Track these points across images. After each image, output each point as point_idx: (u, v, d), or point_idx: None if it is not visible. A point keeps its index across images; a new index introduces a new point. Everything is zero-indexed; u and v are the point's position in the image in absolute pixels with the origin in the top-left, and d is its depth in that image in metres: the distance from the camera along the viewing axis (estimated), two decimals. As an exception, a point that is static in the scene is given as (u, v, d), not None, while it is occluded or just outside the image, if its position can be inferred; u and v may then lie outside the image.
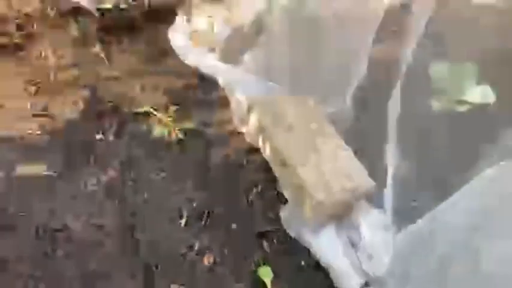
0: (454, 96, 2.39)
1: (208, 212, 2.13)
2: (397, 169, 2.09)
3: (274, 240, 2.07)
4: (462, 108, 2.36)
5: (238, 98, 2.52)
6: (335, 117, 2.32)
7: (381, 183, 2.05)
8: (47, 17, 2.91)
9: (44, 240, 2.00)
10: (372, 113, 2.30)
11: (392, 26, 2.39)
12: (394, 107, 2.13)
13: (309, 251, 2.03)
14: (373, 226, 1.95)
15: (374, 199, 2.01)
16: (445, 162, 2.18)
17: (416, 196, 2.10)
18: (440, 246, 1.64)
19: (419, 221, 1.76)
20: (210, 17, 2.94)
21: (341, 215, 2.03)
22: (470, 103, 2.39)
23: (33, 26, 2.86)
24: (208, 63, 2.75)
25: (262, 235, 2.08)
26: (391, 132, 2.11)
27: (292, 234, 2.09)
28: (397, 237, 1.85)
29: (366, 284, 1.91)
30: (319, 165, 2.07)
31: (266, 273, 1.95)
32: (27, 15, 2.89)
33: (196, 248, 2.02)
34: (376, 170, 2.10)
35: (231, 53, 2.73)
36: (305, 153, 2.12)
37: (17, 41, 2.77)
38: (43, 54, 2.73)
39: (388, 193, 1.98)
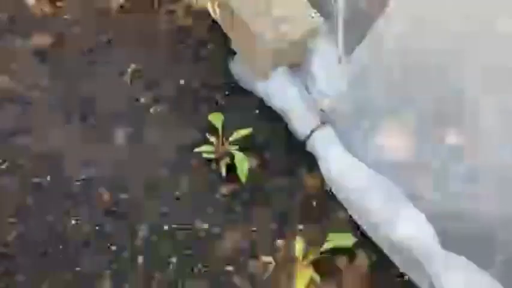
0: None
1: (155, 70, 2.02)
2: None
3: (226, 92, 1.98)
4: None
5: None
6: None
7: (332, 22, 1.95)
8: None
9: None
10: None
11: None
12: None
13: (262, 101, 1.95)
14: (326, 64, 1.86)
15: (327, 39, 1.92)
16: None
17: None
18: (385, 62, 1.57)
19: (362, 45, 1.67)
20: None
21: (293, 62, 1.94)
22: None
23: None
24: None
25: (213, 88, 1.98)
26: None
27: (244, 86, 2.00)
28: (348, 67, 1.76)
29: (322, 123, 1.84)
30: (270, 12, 1.96)
31: (217, 118, 1.86)
32: None
33: (142, 101, 1.92)
34: (326, 10, 2.00)
35: None
36: (255, 3, 2.01)
37: None
38: None
39: (340, 27, 1.87)
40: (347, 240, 1.58)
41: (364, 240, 1.60)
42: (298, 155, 1.81)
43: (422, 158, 1.59)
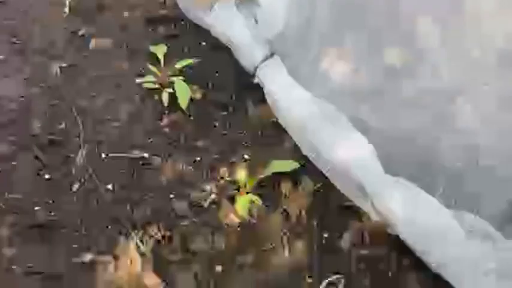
0: None
1: (96, 2, 1.94)
2: None
3: (172, 25, 1.91)
4: None
5: None
6: None
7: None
8: None
9: None
10: None
11: None
12: None
13: (209, 32, 1.89)
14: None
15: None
16: None
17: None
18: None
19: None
20: None
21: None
22: None
23: None
24: None
25: (158, 20, 1.91)
26: None
27: (190, 17, 1.92)
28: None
29: (270, 54, 1.79)
30: None
31: (159, 49, 1.79)
32: None
33: (81, 33, 1.84)
34: None
35: None
36: None
37: None
38: None
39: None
40: (289, 166, 1.54)
41: (310, 167, 1.57)
42: (244, 86, 1.76)
43: (367, 83, 1.55)
